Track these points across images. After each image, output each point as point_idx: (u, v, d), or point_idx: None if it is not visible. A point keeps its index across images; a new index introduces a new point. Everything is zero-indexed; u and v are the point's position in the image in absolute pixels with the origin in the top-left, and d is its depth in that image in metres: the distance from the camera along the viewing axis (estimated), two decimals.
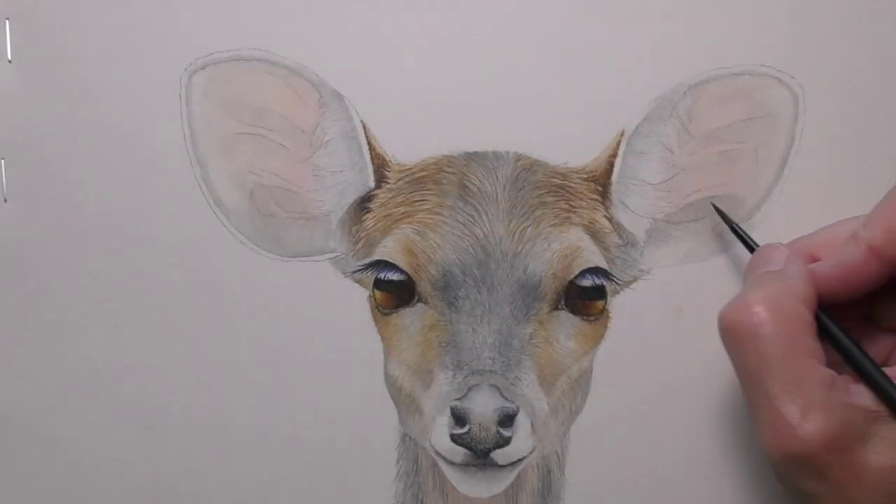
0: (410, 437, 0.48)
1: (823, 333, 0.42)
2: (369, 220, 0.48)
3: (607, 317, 0.48)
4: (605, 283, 0.47)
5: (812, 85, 0.48)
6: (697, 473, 0.48)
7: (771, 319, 0.41)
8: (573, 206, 0.47)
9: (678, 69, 0.47)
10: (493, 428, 0.45)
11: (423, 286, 0.47)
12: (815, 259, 0.44)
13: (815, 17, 0.48)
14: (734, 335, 0.42)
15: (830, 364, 0.42)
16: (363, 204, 0.48)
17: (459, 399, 0.46)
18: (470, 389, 0.46)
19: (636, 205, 0.48)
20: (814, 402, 0.39)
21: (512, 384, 0.46)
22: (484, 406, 0.45)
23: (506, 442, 0.46)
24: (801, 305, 0.41)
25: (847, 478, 0.39)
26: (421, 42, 0.47)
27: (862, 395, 0.41)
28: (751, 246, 0.46)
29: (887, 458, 0.39)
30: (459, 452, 0.46)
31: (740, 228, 0.47)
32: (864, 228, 0.42)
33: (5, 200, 0.48)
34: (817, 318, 0.42)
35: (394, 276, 0.47)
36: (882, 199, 0.43)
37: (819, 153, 0.48)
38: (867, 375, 0.41)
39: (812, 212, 0.47)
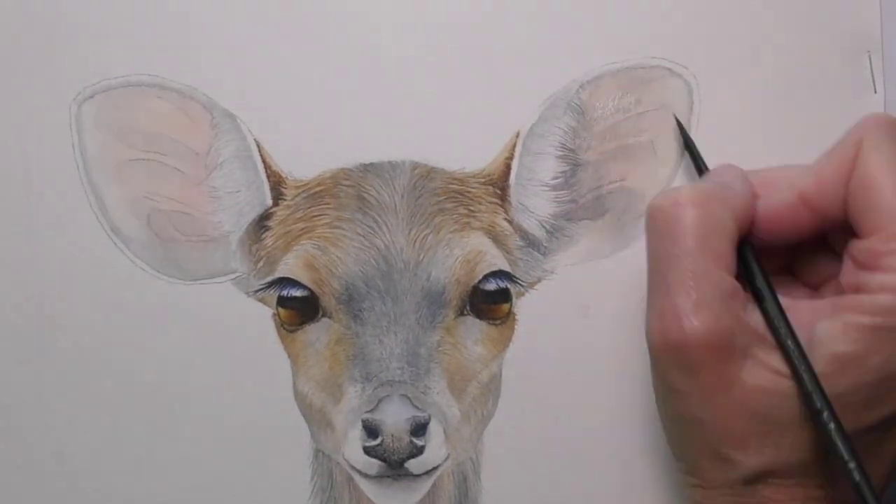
0: (324, 453, 0.47)
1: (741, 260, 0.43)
2: (269, 239, 0.48)
3: (514, 319, 0.48)
4: (509, 285, 0.47)
5: (706, 75, 0.48)
6: (611, 471, 0.48)
7: (692, 215, 0.41)
8: (472, 211, 0.47)
9: (570, 66, 0.47)
10: (406, 438, 0.45)
11: (327, 301, 0.47)
12: (755, 195, 0.44)
13: (706, 7, 0.48)
14: (655, 221, 0.42)
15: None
16: (262, 222, 0.48)
17: (370, 411, 0.45)
18: (380, 401, 0.45)
19: (535, 205, 0.48)
20: (706, 302, 0.40)
21: (422, 393, 0.46)
22: (395, 416, 0.45)
23: (419, 451, 0.45)
24: (727, 213, 0.42)
25: (716, 383, 0.40)
26: (309, 56, 0.47)
27: (756, 317, 0.41)
28: (701, 169, 0.46)
29: (759, 380, 0.40)
30: (373, 465, 0.46)
31: (695, 148, 0.47)
32: (800, 177, 0.43)
33: None
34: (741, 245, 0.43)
35: (297, 293, 0.47)
36: (825, 152, 0.43)
37: (716, 144, 0.47)
38: (763, 301, 0.42)
39: None
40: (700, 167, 0.47)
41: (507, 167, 0.47)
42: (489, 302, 0.47)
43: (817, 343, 0.40)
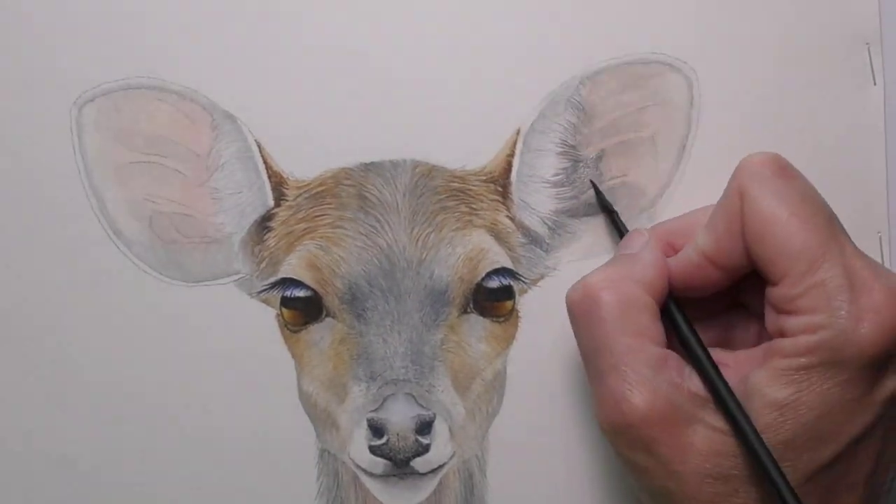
0: (329, 453, 0.48)
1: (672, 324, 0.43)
2: (271, 239, 0.48)
3: (517, 317, 0.48)
4: (512, 282, 0.47)
5: (706, 69, 0.48)
6: (617, 467, 0.47)
7: (607, 300, 0.42)
8: (474, 209, 0.47)
9: (570, 63, 0.47)
10: (411, 436, 0.45)
11: (331, 300, 0.47)
12: (673, 246, 0.45)
13: (705, 1, 0.48)
14: (574, 314, 0.43)
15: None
16: (264, 223, 0.48)
17: (375, 410, 0.46)
18: (385, 400, 0.46)
19: (537, 202, 0.48)
20: (639, 379, 0.40)
21: (427, 391, 0.46)
22: (400, 415, 0.45)
23: (425, 449, 0.46)
24: (638, 288, 0.42)
25: (672, 454, 0.40)
26: (308, 56, 0.47)
27: (694, 380, 0.41)
28: (622, 232, 0.47)
29: (710, 443, 0.40)
30: (379, 464, 0.46)
31: (616, 213, 0.47)
32: (700, 235, 0.43)
33: None
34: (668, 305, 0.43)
35: (300, 293, 0.47)
36: (715, 207, 0.43)
37: (718, 138, 0.48)
38: (698, 364, 0.42)
39: (714, 197, 0.47)
40: (621, 231, 0.47)
41: (509, 164, 0.47)
42: (492, 299, 0.47)
43: (752, 393, 0.40)
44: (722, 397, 0.40)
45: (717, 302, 0.45)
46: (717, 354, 0.43)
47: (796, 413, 0.39)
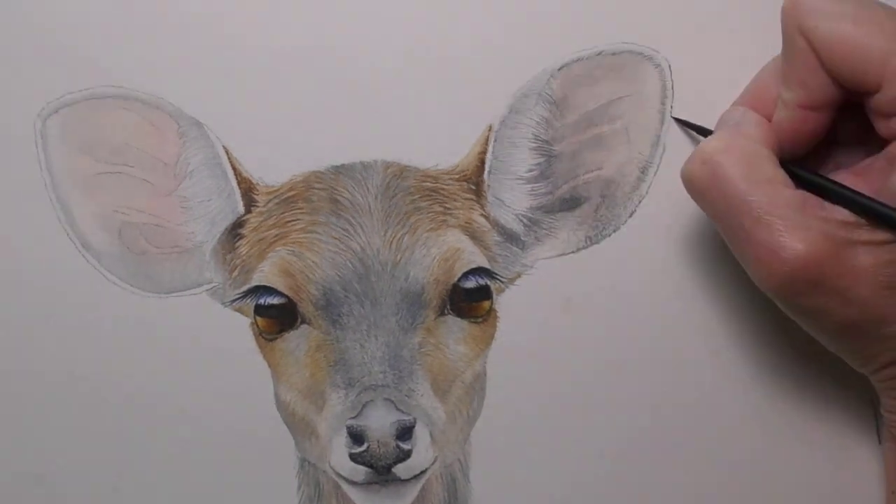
0: (309, 462, 0.47)
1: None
2: (243, 247, 0.47)
3: (495, 317, 0.47)
4: (488, 282, 0.47)
5: (678, 58, 0.47)
6: (599, 465, 0.47)
7: (726, 161, 0.41)
8: (448, 209, 0.47)
9: (540, 56, 0.47)
10: (392, 442, 0.44)
11: (305, 307, 0.46)
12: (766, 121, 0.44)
13: None
14: (697, 186, 0.43)
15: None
16: (235, 231, 0.47)
17: (354, 417, 0.45)
18: (364, 406, 0.45)
19: (512, 199, 0.47)
20: (788, 223, 0.40)
21: (406, 396, 0.45)
22: (380, 421, 0.44)
23: (406, 455, 0.45)
24: (754, 143, 0.42)
25: (844, 282, 0.40)
26: (274, 59, 0.47)
27: (837, 210, 0.41)
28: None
29: (876, 257, 0.40)
30: (360, 471, 0.45)
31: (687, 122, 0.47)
32: (783, 91, 0.43)
33: None
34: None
35: (274, 301, 0.46)
36: (780, 57, 0.43)
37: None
38: (842, 197, 0.41)
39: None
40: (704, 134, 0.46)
41: (481, 162, 0.47)
42: (469, 300, 0.46)
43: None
44: (871, 207, 0.40)
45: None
46: (841, 177, 0.43)
47: None
